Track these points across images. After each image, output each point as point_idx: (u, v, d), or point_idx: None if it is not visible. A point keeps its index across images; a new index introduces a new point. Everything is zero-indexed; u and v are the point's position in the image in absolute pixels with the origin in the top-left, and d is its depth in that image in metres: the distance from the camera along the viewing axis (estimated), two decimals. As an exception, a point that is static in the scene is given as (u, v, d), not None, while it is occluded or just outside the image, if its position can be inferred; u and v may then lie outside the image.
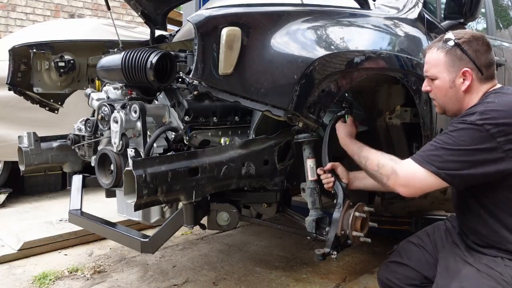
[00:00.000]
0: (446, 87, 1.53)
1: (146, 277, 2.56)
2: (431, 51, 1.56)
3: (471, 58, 1.48)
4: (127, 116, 1.81)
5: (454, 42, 1.49)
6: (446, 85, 1.53)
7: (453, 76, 1.51)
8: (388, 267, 1.76)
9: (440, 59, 1.52)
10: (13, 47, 2.54)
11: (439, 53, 1.52)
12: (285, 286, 2.47)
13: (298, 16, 1.68)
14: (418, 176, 1.42)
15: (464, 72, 1.49)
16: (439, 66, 1.53)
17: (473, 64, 1.48)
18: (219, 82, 1.48)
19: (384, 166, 1.51)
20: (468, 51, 1.48)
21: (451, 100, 1.54)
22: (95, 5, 7.47)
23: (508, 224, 1.43)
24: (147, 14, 2.87)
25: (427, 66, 1.57)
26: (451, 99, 1.54)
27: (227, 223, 1.95)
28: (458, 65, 1.49)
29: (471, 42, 1.49)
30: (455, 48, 1.49)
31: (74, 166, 2.52)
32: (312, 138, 1.80)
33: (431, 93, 1.60)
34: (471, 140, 1.36)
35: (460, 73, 1.49)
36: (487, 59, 1.51)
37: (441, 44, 1.53)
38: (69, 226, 2.87)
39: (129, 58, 1.75)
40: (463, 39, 1.50)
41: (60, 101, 2.78)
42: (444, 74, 1.52)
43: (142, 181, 1.44)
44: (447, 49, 1.51)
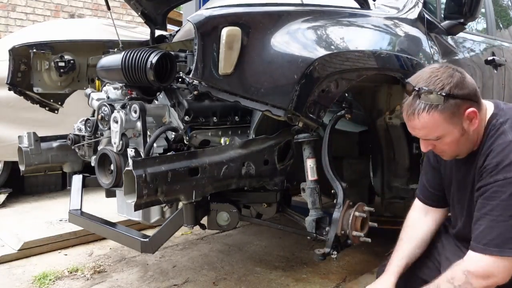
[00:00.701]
0: (458, 137, 1.35)
1: (146, 277, 2.56)
2: (420, 117, 1.32)
3: (465, 98, 1.32)
4: (127, 116, 1.81)
5: (443, 96, 1.29)
6: (457, 137, 1.35)
7: (460, 125, 1.33)
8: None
9: (438, 119, 1.31)
10: (13, 47, 2.54)
11: (432, 115, 1.30)
12: (285, 286, 2.47)
13: (298, 16, 1.68)
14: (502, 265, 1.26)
15: (469, 114, 1.32)
16: (441, 126, 1.33)
17: (469, 101, 1.33)
18: (219, 82, 1.48)
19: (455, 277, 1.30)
20: (459, 94, 1.30)
21: (465, 145, 1.39)
22: (95, 5, 7.47)
23: None
24: (147, 14, 2.87)
25: (424, 132, 1.36)
26: (465, 144, 1.39)
27: (227, 223, 1.95)
28: (459, 113, 1.32)
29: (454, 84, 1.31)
30: (447, 99, 1.29)
31: (74, 166, 2.52)
32: (312, 138, 1.80)
33: (436, 149, 1.42)
34: None
35: (465, 117, 1.33)
36: (472, 85, 1.35)
37: (424, 105, 1.31)
38: (69, 226, 2.86)
39: (129, 58, 1.75)
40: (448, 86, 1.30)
41: (60, 101, 2.78)
42: (451, 128, 1.33)
43: (142, 181, 1.45)
44: (440, 107, 1.30)
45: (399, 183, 2.30)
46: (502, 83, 3.09)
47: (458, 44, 2.66)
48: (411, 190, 2.26)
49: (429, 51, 2.22)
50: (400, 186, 2.30)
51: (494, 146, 1.33)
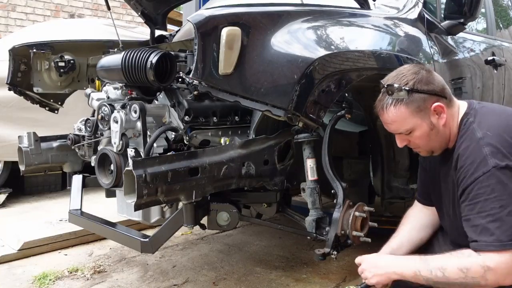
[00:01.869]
0: (427, 131, 1.41)
1: (146, 277, 2.56)
2: (387, 111, 1.41)
3: (430, 93, 1.38)
4: (127, 116, 1.81)
5: (407, 90, 1.36)
6: (426, 130, 1.41)
7: (428, 118, 1.39)
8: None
9: (405, 113, 1.38)
10: (13, 47, 2.54)
11: (399, 109, 1.38)
12: (285, 286, 2.47)
13: (298, 16, 1.68)
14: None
15: (435, 108, 1.39)
16: (408, 119, 1.39)
17: (436, 96, 1.38)
18: (219, 82, 1.48)
19: (470, 269, 1.25)
20: (423, 89, 1.37)
21: (436, 140, 1.44)
22: (95, 5, 7.47)
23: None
24: (147, 14, 2.87)
25: (395, 126, 1.43)
26: (436, 140, 1.44)
27: (227, 223, 1.95)
28: (425, 106, 1.38)
29: (419, 80, 1.37)
30: (411, 94, 1.36)
31: (74, 166, 2.52)
32: (312, 138, 1.80)
33: (410, 144, 1.48)
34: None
35: (432, 111, 1.39)
36: (439, 82, 1.41)
37: (391, 100, 1.39)
38: (69, 226, 2.86)
39: (129, 58, 1.75)
40: (411, 82, 1.37)
41: (60, 101, 2.78)
42: (418, 122, 1.39)
43: (142, 181, 1.45)
44: (405, 101, 1.37)
45: (399, 183, 2.30)
46: (502, 83, 3.09)
47: (458, 44, 2.66)
48: (411, 190, 2.26)
49: (429, 51, 2.23)
50: (400, 186, 2.30)
51: (465, 146, 1.36)
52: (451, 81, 2.41)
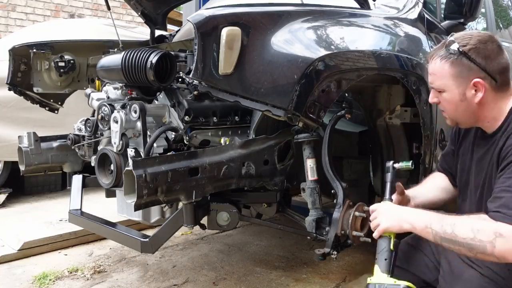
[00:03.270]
0: (456, 100, 1.36)
1: (146, 277, 2.56)
2: (434, 61, 1.38)
3: (481, 67, 1.31)
4: (127, 116, 1.81)
5: (459, 51, 1.32)
6: (455, 99, 1.36)
7: (463, 89, 1.34)
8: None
9: (446, 71, 1.34)
10: (13, 47, 2.54)
11: (443, 64, 1.35)
12: (285, 286, 2.47)
13: (298, 16, 1.68)
14: None
15: (475, 83, 1.32)
16: (445, 77, 1.35)
17: (484, 72, 1.31)
18: (219, 82, 1.48)
19: (481, 230, 1.20)
20: (476, 59, 1.31)
21: (464, 114, 1.39)
22: (95, 5, 7.47)
23: None
24: (147, 14, 2.87)
25: (432, 78, 1.41)
26: (463, 113, 1.38)
27: (227, 223, 1.95)
28: (467, 76, 1.32)
29: (478, 49, 1.31)
30: (461, 57, 1.32)
31: (74, 166, 2.52)
32: (312, 138, 1.80)
33: (440, 105, 1.43)
34: None
35: (471, 84, 1.32)
36: (500, 64, 1.33)
37: (444, 53, 1.35)
38: (69, 226, 2.86)
39: (129, 58, 1.75)
40: (469, 46, 1.31)
41: (60, 101, 2.78)
42: (452, 86, 1.35)
43: (142, 181, 1.45)
44: (452, 59, 1.33)
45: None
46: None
47: (458, 44, 2.66)
48: (411, 190, 2.26)
49: (429, 51, 2.22)
50: (400, 186, 2.30)
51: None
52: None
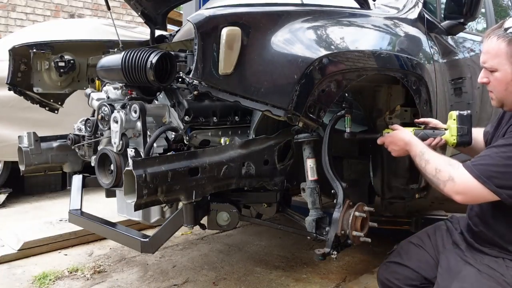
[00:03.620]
0: (508, 80, 1.39)
1: (146, 277, 2.56)
2: (490, 40, 1.41)
3: None
4: (127, 116, 1.81)
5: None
6: (507, 78, 1.39)
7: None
8: (388, 268, 1.76)
9: (502, 49, 1.37)
10: (13, 47, 2.54)
11: (500, 43, 1.38)
12: (285, 286, 2.47)
13: (298, 16, 1.68)
14: (475, 190, 1.36)
15: None
16: (500, 57, 1.38)
17: None
18: (219, 82, 1.48)
19: (441, 171, 1.43)
20: None
21: None
22: (95, 5, 7.48)
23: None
24: (147, 14, 2.87)
25: (486, 57, 1.43)
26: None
27: (227, 223, 1.95)
28: None
29: None
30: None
31: (74, 166, 2.51)
32: (312, 138, 1.80)
33: (489, 85, 1.47)
34: None
35: None
36: None
37: (502, 32, 1.38)
38: (69, 226, 2.86)
39: (129, 58, 1.75)
40: None
41: (60, 101, 2.78)
42: (506, 66, 1.38)
43: (142, 181, 1.44)
44: (510, 38, 1.36)
45: (399, 183, 2.29)
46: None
47: (458, 44, 2.66)
48: (411, 190, 2.26)
49: (429, 51, 2.22)
50: (400, 186, 2.29)
51: None
52: (451, 81, 2.41)
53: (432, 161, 1.49)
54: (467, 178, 1.37)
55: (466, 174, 1.38)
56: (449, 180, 1.41)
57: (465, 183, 1.38)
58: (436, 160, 1.49)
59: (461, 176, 1.39)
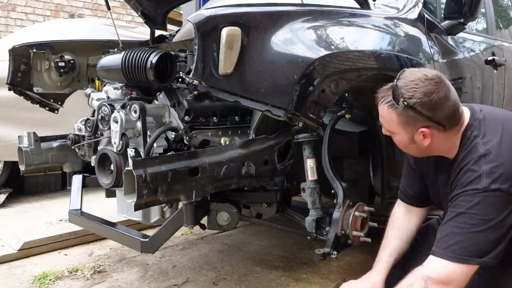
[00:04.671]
0: (406, 143, 1.41)
1: (146, 277, 2.56)
2: (382, 106, 1.40)
3: (427, 118, 1.32)
4: (127, 116, 1.81)
5: (404, 105, 1.31)
6: (405, 141, 1.41)
7: (411, 134, 1.38)
8: None
9: (393, 118, 1.37)
10: (13, 47, 2.54)
11: (390, 112, 1.37)
12: (285, 286, 2.47)
13: (298, 16, 1.68)
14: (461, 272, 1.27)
15: (421, 131, 1.35)
16: (393, 123, 1.39)
17: (431, 122, 1.33)
18: (219, 82, 1.48)
19: (413, 283, 1.31)
20: (422, 111, 1.31)
21: (416, 152, 1.45)
22: (95, 5, 7.47)
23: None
24: (147, 14, 2.87)
25: (382, 120, 1.45)
26: (415, 151, 1.45)
27: (227, 223, 1.95)
28: (414, 125, 1.35)
29: (423, 103, 1.30)
30: (406, 109, 1.32)
31: (74, 166, 2.52)
32: (312, 138, 1.80)
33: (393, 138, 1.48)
34: (495, 210, 1.25)
35: (418, 132, 1.36)
36: (447, 111, 1.33)
37: (390, 101, 1.36)
38: (69, 226, 2.86)
39: (129, 58, 1.75)
40: (414, 99, 1.30)
41: (60, 101, 2.78)
42: (401, 132, 1.39)
43: (142, 181, 1.45)
44: (398, 111, 1.34)
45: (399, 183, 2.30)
46: (502, 83, 3.09)
47: (458, 44, 2.66)
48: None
49: (429, 51, 2.23)
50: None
51: (466, 161, 1.35)
52: (451, 81, 2.39)
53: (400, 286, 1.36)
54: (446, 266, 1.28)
55: (439, 261, 1.30)
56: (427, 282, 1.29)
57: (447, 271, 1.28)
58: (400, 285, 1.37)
59: (437, 268, 1.30)
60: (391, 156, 2.25)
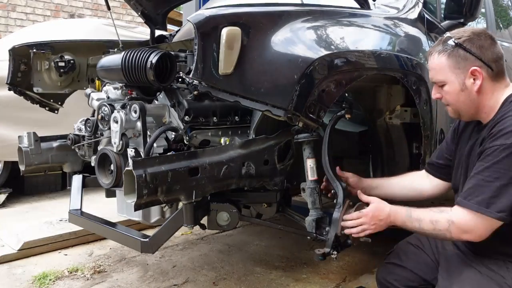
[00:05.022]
0: (457, 90, 1.43)
1: (146, 277, 2.56)
2: (432, 56, 1.47)
3: (476, 56, 1.39)
4: (127, 116, 1.81)
5: (455, 43, 1.41)
6: (457, 89, 1.43)
7: (462, 78, 1.41)
8: (387, 268, 1.75)
9: (444, 63, 1.43)
10: (13, 47, 2.54)
11: (441, 57, 1.44)
12: (285, 286, 2.47)
13: (298, 16, 1.68)
14: (481, 223, 1.34)
15: (473, 72, 1.40)
16: (444, 70, 1.44)
17: (480, 61, 1.40)
18: (219, 82, 1.48)
19: (438, 222, 1.41)
20: (471, 49, 1.39)
21: (465, 104, 1.45)
22: (95, 5, 7.48)
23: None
24: (147, 14, 2.87)
25: (432, 73, 1.49)
26: (465, 103, 1.45)
27: (227, 223, 1.95)
28: (464, 66, 1.40)
29: (472, 39, 1.40)
30: (457, 48, 1.41)
31: (74, 166, 2.51)
32: (312, 138, 1.80)
33: (443, 99, 1.51)
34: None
35: (469, 73, 1.40)
36: (494, 53, 1.41)
37: (441, 47, 1.44)
38: (69, 226, 2.86)
39: (129, 58, 1.75)
40: (464, 38, 1.41)
41: (60, 101, 2.78)
42: (452, 77, 1.43)
43: (142, 181, 1.44)
44: (448, 52, 1.42)
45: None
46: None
47: (458, 44, 2.65)
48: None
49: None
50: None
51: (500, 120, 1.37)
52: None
53: (424, 217, 1.46)
54: (467, 215, 1.36)
55: (464, 212, 1.37)
56: (450, 226, 1.39)
57: (467, 220, 1.36)
58: (426, 214, 1.46)
59: (459, 215, 1.38)
60: (391, 156, 2.25)
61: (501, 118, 1.38)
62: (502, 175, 1.30)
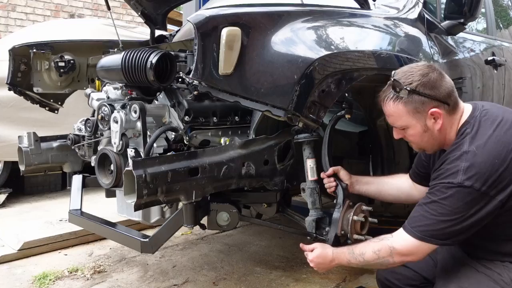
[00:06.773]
0: (420, 132, 1.45)
1: (146, 277, 2.56)
2: (387, 104, 1.46)
3: (432, 98, 1.40)
4: (127, 116, 1.81)
5: (408, 90, 1.39)
6: (419, 131, 1.45)
7: (423, 121, 1.43)
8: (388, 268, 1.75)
9: (402, 110, 1.43)
10: (13, 47, 2.54)
11: (398, 105, 1.43)
12: (285, 286, 2.47)
13: (298, 16, 1.68)
14: (422, 248, 1.41)
15: (432, 113, 1.41)
16: (403, 117, 1.44)
17: (436, 101, 1.40)
18: (219, 82, 1.48)
19: (381, 250, 1.46)
20: (425, 92, 1.39)
21: (429, 142, 1.48)
22: (95, 5, 7.47)
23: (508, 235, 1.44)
24: (147, 14, 2.87)
25: (391, 119, 1.49)
26: (429, 141, 1.48)
27: (227, 223, 1.95)
28: (423, 109, 1.41)
29: (424, 83, 1.39)
30: (411, 95, 1.39)
31: (74, 166, 2.52)
32: (312, 138, 1.80)
33: (405, 138, 1.53)
34: (465, 205, 1.33)
35: (429, 115, 1.41)
36: (446, 88, 1.42)
37: (393, 95, 1.42)
38: (69, 226, 2.86)
39: (129, 58, 1.75)
40: (415, 83, 1.39)
41: (60, 101, 2.78)
42: (413, 122, 1.44)
43: (142, 181, 1.45)
44: (404, 99, 1.41)
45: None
46: (502, 83, 3.10)
47: (458, 44, 2.66)
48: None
49: (429, 51, 2.23)
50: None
51: (451, 155, 1.41)
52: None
53: (366, 250, 1.49)
54: (409, 240, 1.41)
55: (406, 236, 1.42)
56: (392, 252, 1.44)
57: (409, 245, 1.41)
58: (368, 246, 1.50)
59: (402, 241, 1.43)
60: (391, 156, 2.25)
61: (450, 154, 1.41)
62: (447, 211, 1.35)
